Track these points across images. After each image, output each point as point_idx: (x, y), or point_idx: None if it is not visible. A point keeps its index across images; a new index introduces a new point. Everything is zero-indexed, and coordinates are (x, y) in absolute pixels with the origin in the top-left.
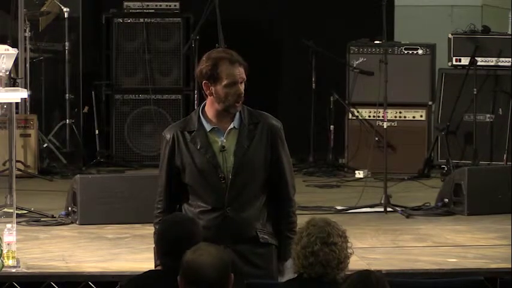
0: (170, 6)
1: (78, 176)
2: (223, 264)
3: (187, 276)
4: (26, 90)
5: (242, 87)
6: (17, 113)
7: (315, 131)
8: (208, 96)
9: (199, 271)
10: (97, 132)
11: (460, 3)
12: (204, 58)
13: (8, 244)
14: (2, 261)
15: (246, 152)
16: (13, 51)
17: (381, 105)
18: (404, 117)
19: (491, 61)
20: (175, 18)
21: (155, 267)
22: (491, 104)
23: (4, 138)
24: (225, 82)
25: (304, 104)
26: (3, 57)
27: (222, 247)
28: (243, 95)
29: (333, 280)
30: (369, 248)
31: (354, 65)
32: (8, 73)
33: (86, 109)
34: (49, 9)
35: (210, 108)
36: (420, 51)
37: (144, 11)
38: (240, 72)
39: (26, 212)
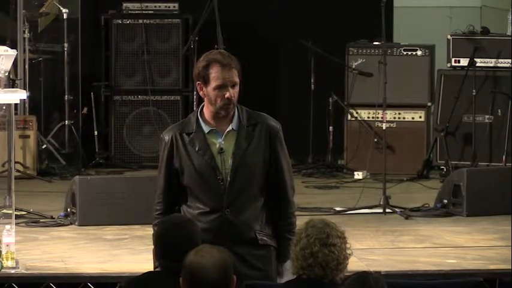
0: (169, 7)
1: (77, 177)
2: (226, 266)
3: (189, 277)
4: (25, 91)
5: (232, 91)
6: (16, 114)
7: (314, 132)
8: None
9: (202, 273)
10: (96, 133)
11: (459, 4)
12: (201, 58)
13: (7, 245)
14: (1, 262)
15: (245, 154)
16: (12, 52)
17: (380, 106)
18: (403, 118)
19: (490, 62)
20: (174, 19)
21: (154, 268)
22: (490, 105)
23: (3, 139)
24: (213, 84)
25: (303, 105)
26: (2, 58)
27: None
28: (233, 98)
29: (332, 281)
30: (368, 249)
31: (353, 66)
32: (7, 74)
33: (85, 110)
34: (48, 10)
35: (207, 109)
36: (419, 52)
37: (143, 12)
38: (230, 75)
39: (25, 213)
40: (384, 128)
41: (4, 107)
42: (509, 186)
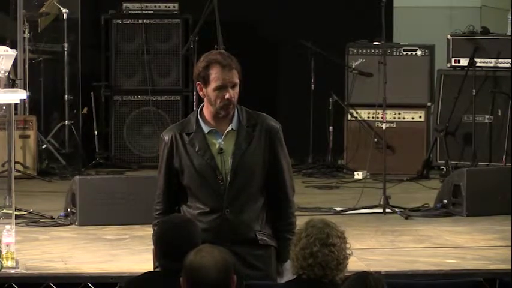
0: (169, 7)
1: (77, 177)
2: (226, 266)
3: (190, 278)
4: (25, 91)
5: (232, 91)
6: (16, 114)
7: (314, 132)
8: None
9: (202, 273)
10: (96, 133)
11: (459, 4)
12: (201, 58)
13: (7, 245)
14: (1, 262)
15: (244, 154)
16: (12, 52)
17: (379, 106)
18: (403, 118)
19: (490, 62)
20: (174, 19)
21: (154, 268)
22: (490, 105)
23: (3, 139)
24: (213, 85)
25: (303, 105)
26: (2, 58)
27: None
28: (233, 99)
29: (332, 281)
30: (368, 249)
31: (353, 66)
32: (7, 74)
33: (85, 110)
34: (48, 10)
35: (207, 110)
36: (419, 53)
37: (143, 12)
38: (230, 76)
39: (25, 213)
40: (383, 128)
41: (4, 107)
42: (509, 186)
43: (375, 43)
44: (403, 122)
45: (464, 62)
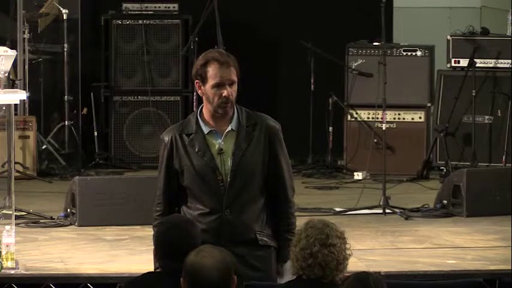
0: (169, 7)
1: (77, 177)
2: (227, 266)
3: (190, 278)
4: (24, 91)
5: (230, 89)
6: (15, 114)
7: (313, 132)
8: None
9: (202, 273)
10: (96, 133)
11: (459, 5)
12: (199, 57)
13: (7, 246)
14: (1, 262)
15: (244, 154)
16: (12, 53)
17: (379, 106)
18: (403, 118)
19: (490, 63)
20: (174, 20)
21: (154, 269)
22: (490, 106)
23: (3, 140)
24: (211, 82)
25: (302, 105)
26: (2, 59)
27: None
28: (231, 97)
29: (332, 281)
30: (368, 250)
31: (353, 67)
32: (6, 75)
33: (84, 111)
34: (48, 10)
35: (206, 109)
36: (419, 53)
37: (143, 12)
38: (228, 73)
39: (24, 213)
40: (383, 128)
41: (4, 108)
42: (509, 186)
43: (374, 43)
44: (403, 123)
45: (464, 62)
